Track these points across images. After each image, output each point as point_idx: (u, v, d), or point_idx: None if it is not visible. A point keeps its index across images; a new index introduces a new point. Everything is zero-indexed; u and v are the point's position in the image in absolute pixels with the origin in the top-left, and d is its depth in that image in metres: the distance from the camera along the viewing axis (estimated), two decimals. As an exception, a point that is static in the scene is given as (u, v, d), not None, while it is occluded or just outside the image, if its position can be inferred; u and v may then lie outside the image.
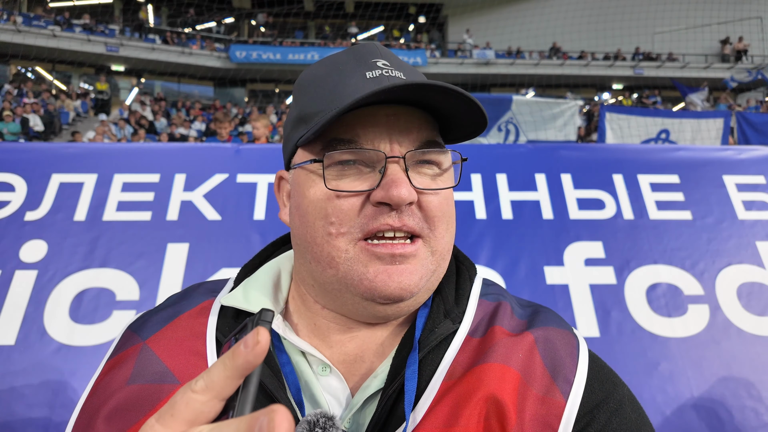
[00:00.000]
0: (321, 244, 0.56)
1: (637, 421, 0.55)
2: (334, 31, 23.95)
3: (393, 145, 0.56)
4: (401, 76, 0.58)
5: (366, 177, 0.56)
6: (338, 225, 0.55)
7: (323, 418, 0.51)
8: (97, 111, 16.37)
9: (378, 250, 0.55)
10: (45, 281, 1.48)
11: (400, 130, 0.57)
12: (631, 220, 1.66)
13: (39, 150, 1.74)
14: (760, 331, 1.47)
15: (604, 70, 21.54)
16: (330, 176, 0.56)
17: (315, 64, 0.64)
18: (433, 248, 0.58)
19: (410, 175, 0.56)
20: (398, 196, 0.53)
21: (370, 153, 0.56)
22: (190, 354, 0.59)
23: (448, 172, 0.61)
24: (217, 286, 0.70)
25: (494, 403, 0.52)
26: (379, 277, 0.54)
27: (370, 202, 0.55)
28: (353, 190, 0.55)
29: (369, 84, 0.55)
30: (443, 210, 0.58)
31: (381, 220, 0.54)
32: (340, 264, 0.56)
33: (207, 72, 20.63)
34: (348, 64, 0.59)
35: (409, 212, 0.56)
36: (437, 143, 0.59)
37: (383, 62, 0.59)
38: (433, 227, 0.58)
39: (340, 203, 0.55)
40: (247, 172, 1.74)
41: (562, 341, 0.59)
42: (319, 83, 0.60)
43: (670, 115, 7.52)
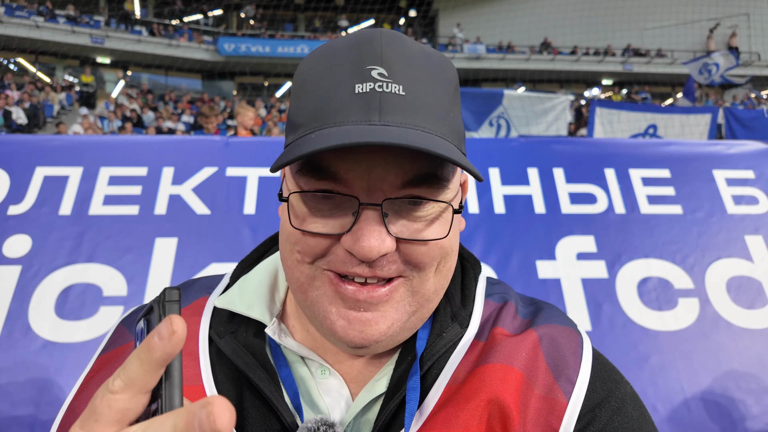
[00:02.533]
0: (291, 267, 0.53)
1: (639, 420, 0.54)
2: (324, 24, 23.77)
3: (372, 182, 0.47)
4: (399, 91, 0.47)
5: (341, 214, 0.49)
6: (304, 255, 0.51)
7: (323, 425, 0.50)
8: (83, 104, 16.09)
9: (343, 290, 0.49)
10: (29, 277, 1.45)
11: (386, 165, 0.47)
12: (622, 214, 1.67)
13: (22, 142, 1.70)
14: (748, 324, 1.49)
15: (594, 65, 21.68)
16: (300, 210, 0.50)
17: (317, 54, 0.54)
18: (415, 289, 0.51)
19: (392, 220, 0.48)
20: (364, 252, 0.46)
21: (343, 197, 0.48)
22: (183, 354, 0.57)
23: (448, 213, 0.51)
24: (212, 282, 0.68)
25: (497, 405, 0.51)
26: (339, 323, 0.50)
27: (341, 244, 0.49)
28: (320, 233, 0.49)
29: (355, 102, 0.47)
30: (431, 257, 0.50)
31: (350, 267, 0.48)
32: (309, 292, 0.52)
33: (195, 65, 20.38)
34: (342, 66, 0.49)
35: (384, 261, 0.49)
36: (435, 177, 0.49)
37: (379, 71, 0.48)
38: (418, 270, 0.51)
39: (306, 239, 0.50)
40: (237, 166, 1.71)
41: (565, 339, 0.58)
42: (310, 86, 0.51)
43: (658, 110, 7.59)
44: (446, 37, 22.52)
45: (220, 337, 0.58)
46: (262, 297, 0.61)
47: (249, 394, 0.54)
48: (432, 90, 0.50)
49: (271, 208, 1.63)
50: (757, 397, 1.39)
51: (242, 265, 0.67)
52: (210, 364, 0.57)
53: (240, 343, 0.57)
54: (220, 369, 0.57)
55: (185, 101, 16.80)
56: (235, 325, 0.59)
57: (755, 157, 1.80)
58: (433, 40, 23.14)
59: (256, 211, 1.63)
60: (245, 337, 0.58)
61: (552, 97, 7.46)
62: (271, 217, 1.61)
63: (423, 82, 0.50)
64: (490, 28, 22.01)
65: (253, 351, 0.56)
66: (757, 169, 1.77)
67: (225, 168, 1.70)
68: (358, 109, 0.47)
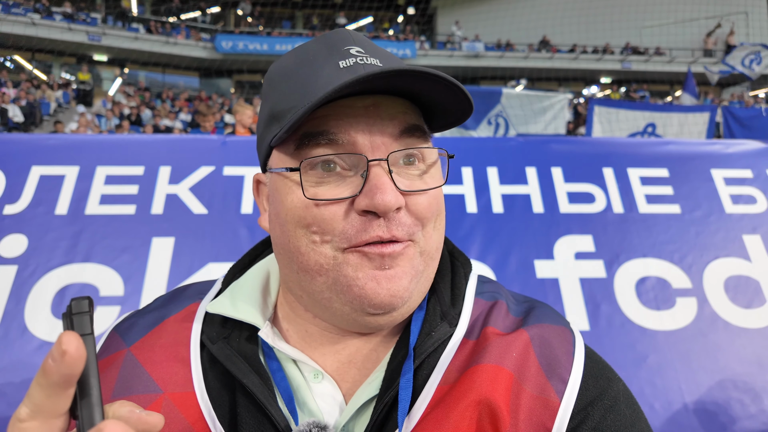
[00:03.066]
0: (306, 252, 0.53)
1: (631, 417, 0.54)
2: (322, 21, 23.71)
3: (374, 138, 0.51)
4: (377, 63, 0.53)
5: (348, 181, 0.52)
6: (321, 234, 0.52)
7: (316, 428, 0.50)
8: (80, 102, 16.03)
9: (369, 251, 0.51)
10: (26, 276, 1.44)
11: (382, 119, 0.52)
12: (620, 213, 1.67)
13: (18, 141, 1.69)
14: (746, 324, 1.49)
15: (592, 63, 21.70)
16: (308, 183, 0.52)
17: (284, 56, 0.59)
18: (422, 248, 0.55)
19: (395, 176, 0.52)
20: (384, 204, 0.49)
21: (350, 157, 0.52)
22: (174, 361, 0.57)
23: (435, 167, 0.58)
24: (205, 287, 0.68)
25: (487, 406, 0.51)
26: (369, 284, 0.51)
27: (355, 209, 0.51)
28: (334, 198, 0.51)
29: (343, 74, 0.51)
30: (432, 210, 0.55)
31: (370, 231, 0.51)
32: (330, 270, 0.52)
33: (192, 62, 20.32)
34: (319, 54, 0.54)
35: (397, 220, 0.52)
36: (421, 129, 0.56)
37: (357, 49, 0.54)
38: (422, 228, 0.55)
39: (320, 212, 0.51)
40: (234, 165, 1.70)
41: (557, 338, 0.58)
42: (290, 77, 0.55)
43: (657, 108, 7.59)
44: (444, 35, 22.49)
45: (212, 343, 0.57)
46: (254, 301, 0.61)
47: (243, 400, 0.54)
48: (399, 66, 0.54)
49: (268, 208, 1.63)
50: (755, 397, 1.39)
51: (234, 270, 0.67)
52: (202, 370, 0.56)
53: (233, 349, 0.57)
54: (212, 375, 0.56)
55: (183, 99, 16.74)
56: (227, 331, 0.59)
57: (754, 157, 1.80)
58: (432, 38, 23.11)
59: (254, 211, 1.62)
60: (238, 342, 0.58)
61: (550, 95, 7.46)
62: (268, 217, 1.61)
63: (392, 58, 0.57)
64: (489, 26, 21.99)
65: (247, 356, 0.56)
66: (756, 168, 1.77)
67: (222, 167, 1.69)
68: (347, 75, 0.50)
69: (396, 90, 0.53)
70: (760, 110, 8.30)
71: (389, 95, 0.54)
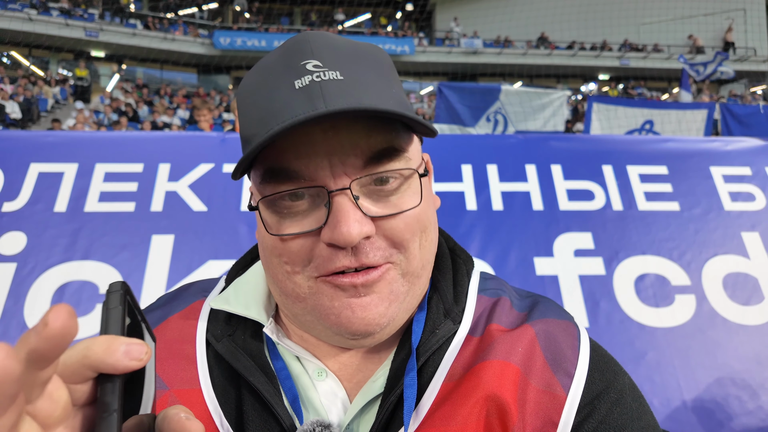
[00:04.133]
0: (283, 280, 0.53)
1: (638, 410, 0.55)
2: (321, 17, 23.63)
3: (335, 169, 0.48)
4: (337, 77, 0.48)
5: (314, 213, 0.50)
6: (292, 264, 0.51)
7: (320, 426, 0.50)
8: (77, 98, 15.96)
9: (340, 282, 0.50)
10: (25, 274, 1.44)
11: (343, 147, 0.48)
12: (620, 211, 1.67)
13: (16, 138, 1.68)
14: (744, 321, 1.50)
15: (591, 60, 21.67)
16: (274, 217, 0.51)
17: (251, 71, 0.55)
18: (404, 270, 0.52)
19: (364, 202, 0.49)
20: (344, 237, 0.47)
21: (310, 190, 0.49)
22: (180, 358, 0.57)
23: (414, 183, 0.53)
24: (209, 285, 0.68)
25: (495, 402, 0.51)
26: (344, 313, 0.50)
27: (321, 240, 0.49)
28: (298, 233, 0.50)
29: (298, 96, 0.47)
30: (412, 230, 0.52)
31: (336, 262, 0.49)
32: (307, 298, 0.52)
33: (190, 59, 20.22)
34: (276, 71, 0.51)
35: (368, 246, 0.49)
36: (391, 149, 0.50)
37: (314, 63, 0.49)
38: (402, 250, 0.52)
39: (288, 246, 0.50)
40: (234, 162, 1.70)
41: (563, 333, 0.58)
42: (252, 98, 0.52)
43: (655, 105, 7.59)
44: (443, 31, 22.44)
45: (217, 340, 0.57)
46: (258, 297, 0.61)
47: (248, 397, 0.54)
48: (367, 71, 0.51)
49: (268, 205, 1.63)
50: (753, 393, 1.40)
51: (237, 267, 0.67)
52: (208, 368, 0.56)
53: (238, 346, 0.57)
54: (218, 372, 0.56)
55: (181, 96, 16.69)
56: (232, 328, 0.59)
57: (752, 154, 1.81)
58: (430, 35, 23.05)
59: (253, 208, 1.62)
60: (243, 339, 0.58)
61: (549, 92, 7.45)
62: (268, 214, 1.61)
63: (357, 65, 0.51)
64: (488, 23, 21.94)
65: (252, 354, 0.56)
66: (754, 165, 1.77)
67: (221, 164, 1.69)
68: (302, 102, 0.47)
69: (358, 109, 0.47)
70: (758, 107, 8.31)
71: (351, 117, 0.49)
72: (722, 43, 21.76)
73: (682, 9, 20.95)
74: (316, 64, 0.49)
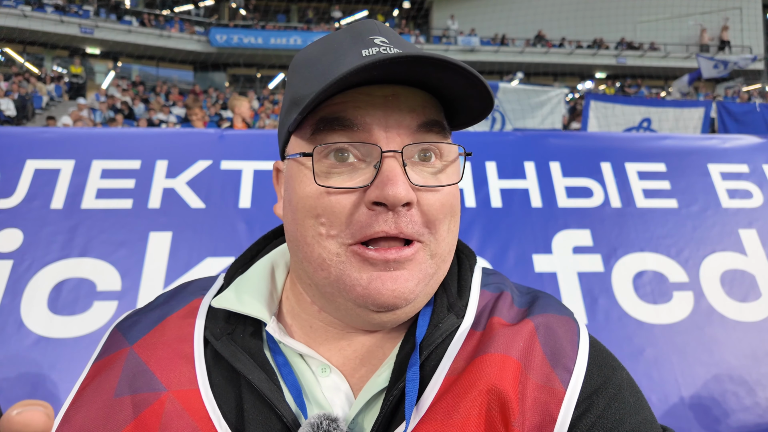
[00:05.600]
0: (311, 244, 0.52)
1: (635, 405, 0.55)
2: (318, 15, 23.56)
3: (390, 129, 0.51)
4: (399, 52, 0.51)
5: (360, 172, 0.51)
6: (328, 226, 0.51)
7: (326, 420, 0.49)
8: (73, 95, 15.86)
9: (371, 255, 0.51)
10: (21, 271, 1.43)
11: (400, 111, 0.51)
12: (618, 208, 1.68)
13: (12, 135, 1.67)
14: (741, 317, 1.50)
15: (588, 58, 21.71)
16: (320, 171, 0.51)
17: (310, 45, 0.58)
18: (433, 251, 0.54)
19: (409, 171, 0.51)
20: (394, 195, 0.48)
21: (364, 147, 0.51)
22: (178, 358, 0.56)
23: (453, 165, 0.56)
24: (207, 283, 0.67)
25: (496, 395, 0.51)
26: (373, 284, 0.51)
27: (364, 201, 0.50)
28: (345, 187, 0.50)
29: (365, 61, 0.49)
30: (445, 210, 0.54)
31: (375, 226, 0.50)
32: (332, 267, 0.52)
33: (187, 56, 20.13)
34: (344, 43, 0.54)
35: (407, 217, 0.51)
36: (440, 125, 0.54)
37: (381, 39, 0.53)
38: (433, 230, 0.53)
39: (330, 202, 0.51)
40: (232, 159, 1.69)
41: (562, 328, 0.58)
42: (313, 64, 0.55)
43: (653, 103, 7.61)
44: (440, 29, 22.41)
45: (216, 339, 0.57)
46: (260, 296, 0.60)
47: (249, 396, 0.53)
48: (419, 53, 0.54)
49: (266, 202, 1.62)
50: (750, 389, 1.40)
51: (237, 265, 0.67)
52: (206, 367, 0.56)
53: (237, 345, 0.56)
54: (217, 371, 0.56)
55: (177, 93, 16.61)
56: (231, 326, 0.58)
57: (749, 152, 1.81)
58: (427, 33, 23.03)
59: (252, 205, 1.61)
60: (242, 338, 0.57)
61: (547, 90, 7.46)
62: (267, 211, 1.60)
63: (417, 50, 0.54)
64: (485, 21, 21.93)
65: (252, 352, 0.56)
66: (752, 163, 1.78)
67: (219, 161, 1.68)
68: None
69: (417, 81, 0.52)
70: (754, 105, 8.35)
71: (410, 87, 0.53)
72: (719, 41, 21.82)
73: (679, 7, 21.00)
74: (383, 39, 0.54)
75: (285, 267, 0.67)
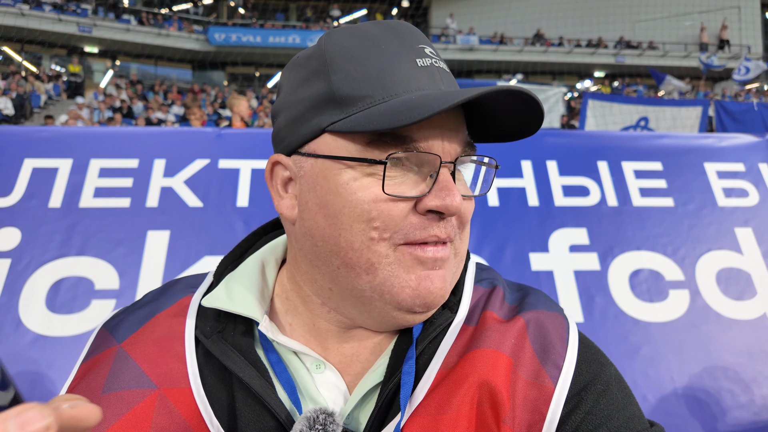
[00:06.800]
0: (359, 249, 0.51)
1: (623, 401, 0.56)
2: (316, 13, 23.53)
3: (444, 145, 0.52)
4: (445, 68, 0.56)
5: (416, 181, 0.52)
6: (382, 230, 0.51)
7: (323, 414, 0.50)
8: (71, 94, 15.83)
9: (424, 254, 0.52)
10: (19, 270, 1.43)
11: (450, 129, 0.53)
12: (615, 206, 1.68)
13: (10, 133, 1.67)
14: (737, 315, 1.51)
15: (586, 57, 21.72)
16: (374, 179, 0.51)
17: (340, 35, 0.55)
18: (457, 250, 0.56)
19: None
20: (453, 206, 0.50)
21: (427, 156, 0.52)
22: (169, 356, 0.56)
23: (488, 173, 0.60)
24: (196, 281, 0.67)
25: (487, 390, 0.52)
26: (423, 283, 0.52)
27: (418, 209, 0.51)
28: (406, 196, 0.51)
29: (421, 74, 0.52)
30: (470, 216, 0.58)
31: (429, 230, 0.52)
32: (380, 270, 0.52)
33: (185, 55, 20.10)
34: (390, 45, 0.53)
35: (451, 222, 0.54)
36: (472, 144, 0.57)
37: (430, 50, 0.55)
38: (461, 230, 0.56)
39: (389, 208, 0.51)
40: (229, 158, 1.70)
41: (552, 325, 0.59)
42: (357, 60, 0.52)
43: (650, 102, 7.63)
44: (439, 27, 22.39)
45: (207, 337, 0.57)
46: (251, 294, 0.60)
47: (241, 394, 0.53)
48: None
49: (264, 201, 1.62)
50: (745, 387, 1.41)
51: (226, 262, 0.66)
52: (197, 366, 0.56)
53: (228, 343, 0.56)
54: (208, 370, 0.56)
55: (175, 92, 16.58)
56: (222, 324, 0.58)
57: (746, 150, 1.82)
58: (426, 31, 23.00)
59: (249, 204, 1.62)
60: (233, 336, 0.57)
61: (545, 88, 7.47)
62: (265, 210, 1.60)
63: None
64: (484, 20, 21.92)
65: (243, 350, 0.56)
66: (748, 162, 1.79)
67: (217, 160, 1.68)
68: (426, 80, 0.52)
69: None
70: (752, 104, 8.36)
71: None
72: (717, 40, 21.84)
73: (678, 6, 21.02)
74: (431, 51, 0.56)
75: (275, 264, 0.66)
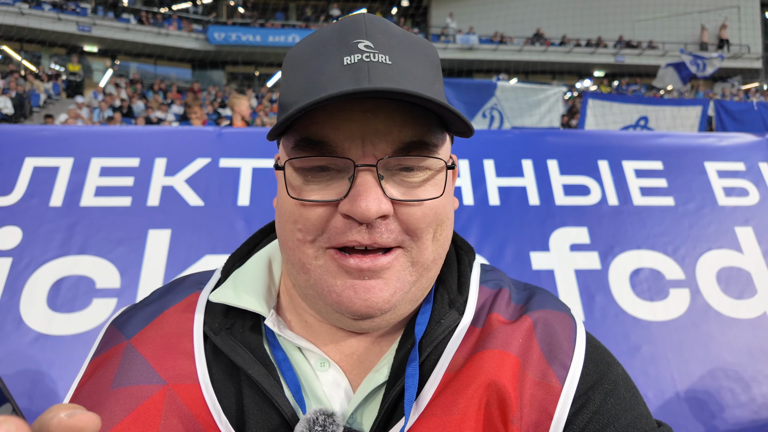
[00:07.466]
0: (293, 248, 0.53)
1: (630, 401, 0.55)
2: (316, 13, 23.52)
3: (366, 148, 0.49)
4: (385, 61, 0.49)
5: (336, 184, 0.50)
6: (305, 233, 0.51)
7: (323, 415, 0.50)
8: (70, 93, 15.81)
9: (346, 263, 0.50)
10: (20, 269, 1.43)
11: (377, 130, 0.49)
12: (615, 206, 1.68)
13: (11, 132, 1.67)
14: (737, 314, 1.51)
15: (586, 56, 21.72)
16: (295, 183, 0.51)
17: (302, 41, 0.56)
18: (414, 259, 0.52)
19: (387, 184, 0.50)
20: (362, 211, 0.47)
21: (338, 160, 0.49)
22: (177, 353, 0.57)
23: (439, 177, 0.54)
24: (203, 277, 0.67)
25: (495, 390, 0.51)
26: (346, 292, 0.51)
27: (338, 212, 0.50)
28: (318, 200, 0.50)
29: (345, 72, 0.48)
30: (428, 220, 0.52)
31: (349, 235, 0.49)
32: (311, 270, 0.52)
33: (185, 54, 20.07)
34: (329, 45, 0.51)
35: (383, 227, 0.50)
36: (423, 144, 0.51)
37: (366, 43, 0.50)
38: (415, 238, 0.52)
39: (307, 212, 0.51)
40: (230, 157, 1.70)
41: (559, 324, 0.59)
42: (299, 67, 0.53)
43: (650, 102, 7.63)
44: (438, 27, 22.38)
45: (215, 334, 0.57)
46: (258, 289, 0.60)
47: (248, 391, 0.54)
48: (416, 62, 0.52)
49: (265, 199, 1.62)
50: (745, 386, 1.41)
51: (233, 259, 0.66)
52: (206, 362, 0.56)
53: (237, 339, 0.56)
54: (216, 366, 0.56)
55: (175, 91, 16.56)
56: (230, 321, 0.59)
57: (746, 150, 1.82)
58: (426, 31, 23.00)
59: (250, 203, 1.62)
60: (242, 332, 0.57)
61: (545, 88, 7.47)
62: (265, 209, 1.60)
63: (407, 54, 0.52)
64: (483, 19, 21.91)
65: (251, 347, 0.56)
66: (748, 161, 1.79)
67: (218, 159, 1.68)
68: (348, 79, 0.48)
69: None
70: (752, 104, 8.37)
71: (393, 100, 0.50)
72: (717, 40, 21.83)
73: (677, 6, 21.01)
74: (368, 44, 0.50)
75: (282, 260, 0.67)
